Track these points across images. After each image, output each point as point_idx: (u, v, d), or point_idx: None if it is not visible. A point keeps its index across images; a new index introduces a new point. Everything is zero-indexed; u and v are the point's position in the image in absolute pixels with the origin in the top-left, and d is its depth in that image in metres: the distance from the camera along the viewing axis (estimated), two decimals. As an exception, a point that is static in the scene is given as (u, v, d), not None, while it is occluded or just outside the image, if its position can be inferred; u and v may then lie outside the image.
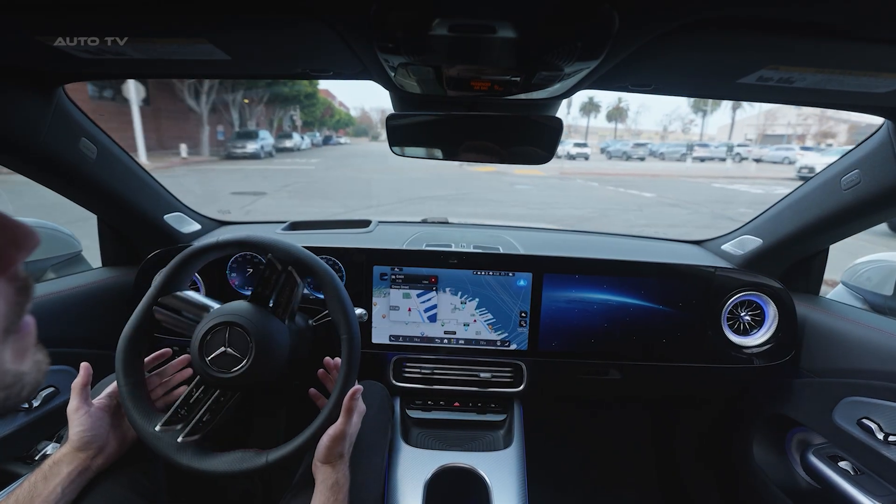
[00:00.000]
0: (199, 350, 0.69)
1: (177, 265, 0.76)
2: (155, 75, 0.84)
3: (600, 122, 63.59)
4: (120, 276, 1.15)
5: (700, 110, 36.30)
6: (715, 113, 38.86)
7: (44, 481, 0.62)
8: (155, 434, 0.68)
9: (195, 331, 0.71)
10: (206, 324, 0.71)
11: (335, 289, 0.74)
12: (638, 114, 62.60)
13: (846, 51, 0.53)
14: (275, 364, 0.72)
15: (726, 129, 37.71)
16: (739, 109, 34.06)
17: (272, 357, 0.72)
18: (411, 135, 0.90)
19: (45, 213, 1.42)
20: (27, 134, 0.78)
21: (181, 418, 0.70)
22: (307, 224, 1.40)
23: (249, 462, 0.66)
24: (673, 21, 0.49)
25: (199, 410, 0.70)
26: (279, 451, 0.67)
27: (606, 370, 1.17)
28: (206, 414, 0.70)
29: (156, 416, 0.70)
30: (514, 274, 1.11)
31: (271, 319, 0.74)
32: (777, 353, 1.12)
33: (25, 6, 0.50)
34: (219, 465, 0.66)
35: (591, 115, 55.86)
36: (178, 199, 1.26)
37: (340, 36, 0.56)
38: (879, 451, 0.86)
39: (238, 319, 0.70)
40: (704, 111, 35.44)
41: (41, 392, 0.89)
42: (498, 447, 1.06)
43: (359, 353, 0.73)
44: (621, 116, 55.80)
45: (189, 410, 0.71)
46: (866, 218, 0.95)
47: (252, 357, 0.69)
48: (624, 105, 55.11)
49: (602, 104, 55.83)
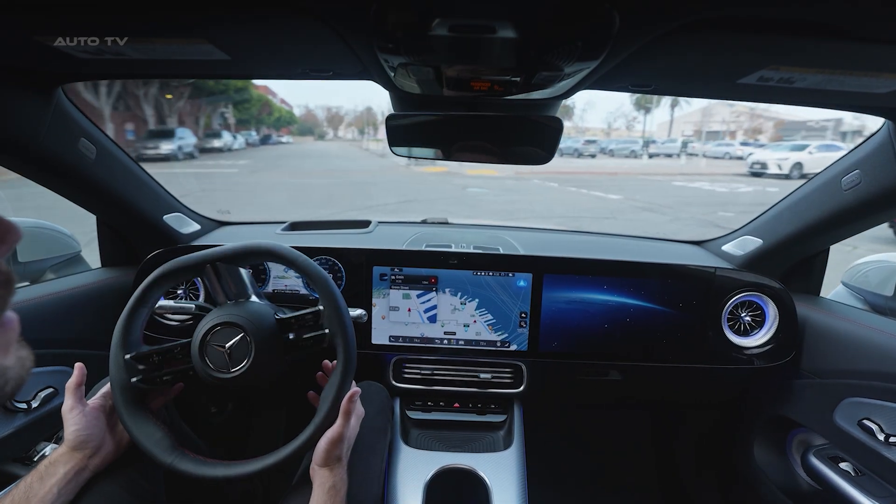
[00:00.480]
0: (199, 350, 0.70)
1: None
2: (154, 76, 0.84)
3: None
4: (119, 277, 1.15)
5: (643, 108, 36.02)
6: (655, 110, 38.57)
7: (40, 482, 0.62)
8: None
9: (195, 331, 0.72)
10: (207, 324, 0.71)
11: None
12: (584, 111, 59.81)
13: (847, 51, 0.53)
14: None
15: (666, 126, 37.71)
16: (677, 107, 33.89)
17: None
18: (411, 135, 0.90)
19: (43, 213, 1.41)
20: (26, 134, 0.78)
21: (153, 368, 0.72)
22: (307, 224, 1.39)
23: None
24: (673, 21, 0.48)
25: (165, 368, 0.73)
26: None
27: (607, 371, 1.17)
28: (168, 375, 0.73)
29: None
30: (514, 274, 1.11)
31: (254, 308, 0.74)
32: (777, 354, 1.11)
33: (25, 6, 0.50)
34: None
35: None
36: (178, 199, 1.26)
37: (340, 36, 0.56)
38: (880, 453, 0.85)
39: (238, 320, 0.70)
40: (647, 108, 35.19)
41: (40, 393, 0.89)
42: (498, 448, 1.06)
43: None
44: (568, 114, 53.10)
45: (160, 362, 0.73)
46: (867, 218, 0.95)
47: (251, 358, 0.69)
48: (570, 103, 52.70)
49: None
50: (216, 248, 0.75)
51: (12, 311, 0.29)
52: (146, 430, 0.69)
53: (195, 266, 0.75)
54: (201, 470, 0.67)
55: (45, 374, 0.92)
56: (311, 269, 0.74)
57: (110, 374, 0.71)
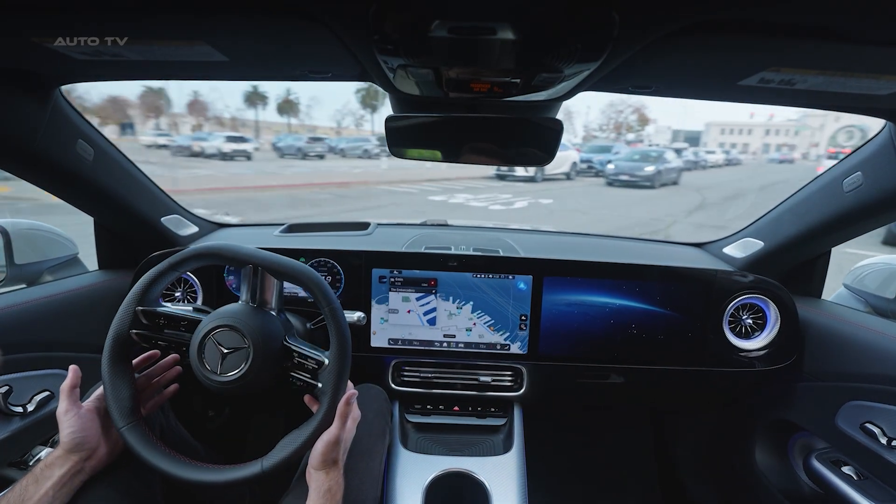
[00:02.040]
0: (197, 355, 0.69)
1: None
2: (152, 77, 0.84)
3: (271, 115, 53.72)
4: (116, 280, 1.14)
5: (368, 106, 35.01)
6: (382, 109, 37.38)
7: (35, 485, 0.61)
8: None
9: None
10: (204, 328, 0.70)
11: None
12: (310, 107, 55.31)
13: (848, 53, 0.53)
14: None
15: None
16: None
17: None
18: (410, 136, 0.89)
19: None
20: (23, 136, 0.78)
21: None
22: (305, 226, 1.39)
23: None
24: (674, 23, 0.48)
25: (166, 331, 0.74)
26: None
27: (607, 374, 1.16)
28: (164, 342, 0.75)
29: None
30: (514, 277, 1.10)
31: (269, 322, 0.74)
32: (779, 357, 1.11)
33: (23, 6, 0.49)
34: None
35: (258, 106, 43.82)
36: (176, 201, 1.25)
37: (339, 38, 0.55)
38: (882, 456, 0.85)
39: (236, 323, 0.70)
40: (374, 107, 34.09)
41: (35, 396, 0.88)
42: (498, 452, 1.05)
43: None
44: (293, 110, 47.90)
45: (163, 325, 0.74)
46: (869, 220, 0.94)
47: (250, 361, 0.68)
48: (294, 97, 47.06)
49: (270, 95, 45.09)
50: (271, 254, 0.74)
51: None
52: (117, 388, 0.69)
53: (239, 261, 0.74)
54: (174, 469, 0.66)
55: (40, 377, 0.91)
56: (302, 276, 0.73)
57: (112, 323, 0.72)
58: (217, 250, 0.74)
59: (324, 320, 0.73)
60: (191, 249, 0.74)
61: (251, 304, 0.77)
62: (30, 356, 0.89)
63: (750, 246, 1.21)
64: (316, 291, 0.72)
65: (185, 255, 0.74)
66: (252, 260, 0.72)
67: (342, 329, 0.72)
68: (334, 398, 0.69)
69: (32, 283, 1.08)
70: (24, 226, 1.10)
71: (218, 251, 0.74)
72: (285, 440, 0.68)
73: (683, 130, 47.16)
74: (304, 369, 0.73)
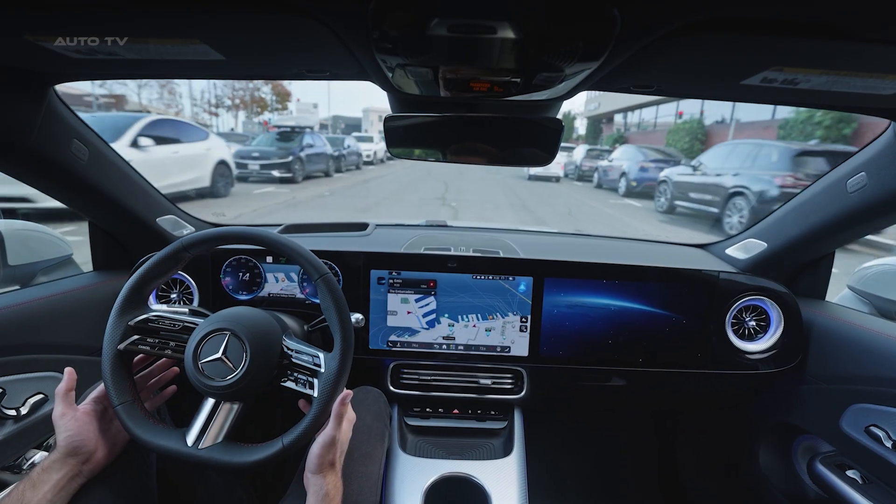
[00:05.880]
0: (192, 359, 0.68)
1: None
2: (149, 76, 0.83)
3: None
4: (111, 281, 1.13)
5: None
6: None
7: (32, 489, 0.60)
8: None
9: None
10: (201, 331, 0.69)
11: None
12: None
13: (852, 52, 0.52)
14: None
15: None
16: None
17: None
18: (409, 136, 0.88)
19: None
20: (17, 135, 0.77)
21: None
22: (303, 227, 1.38)
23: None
24: (676, 22, 0.47)
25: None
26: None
27: (609, 376, 1.15)
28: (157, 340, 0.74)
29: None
30: (514, 278, 1.09)
31: (266, 323, 0.73)
32: (783, 359, 1.10)
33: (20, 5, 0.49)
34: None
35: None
36: (172, 201, 1.24)
37: (337, 36, 0.55)
38: (888, 460, 0.84)
39: (232, 325, 0.69)
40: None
41: (29, 399, 0.87)
42: (498, 455, 1.04)
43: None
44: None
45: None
46: (873, 221, 0.93)
47: (247, 363, 0.67)
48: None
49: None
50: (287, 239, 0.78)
51: None
52: (121, 391, 0.69)
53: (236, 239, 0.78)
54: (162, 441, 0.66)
55: (34, 380, 0.90)
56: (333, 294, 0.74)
57: (105, 337, 0.72)
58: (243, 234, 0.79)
59: (322, 322, 0.73)
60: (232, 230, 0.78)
61: (260, 311, 0.76)
62: (23, 358, 0.88)
63: (753, 247, 1.20)
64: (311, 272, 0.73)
65: (225, 234, 0.78)
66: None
67: (344, 316, 0.72)
68: (330, 398, 0.68)
69: (26, 285, 1.07)
70: (17, 226, 1.09)
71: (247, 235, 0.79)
72: (301, 422, 0.68)
73: (343, 116, 45.05)
74: (303, 369, 0.72)
